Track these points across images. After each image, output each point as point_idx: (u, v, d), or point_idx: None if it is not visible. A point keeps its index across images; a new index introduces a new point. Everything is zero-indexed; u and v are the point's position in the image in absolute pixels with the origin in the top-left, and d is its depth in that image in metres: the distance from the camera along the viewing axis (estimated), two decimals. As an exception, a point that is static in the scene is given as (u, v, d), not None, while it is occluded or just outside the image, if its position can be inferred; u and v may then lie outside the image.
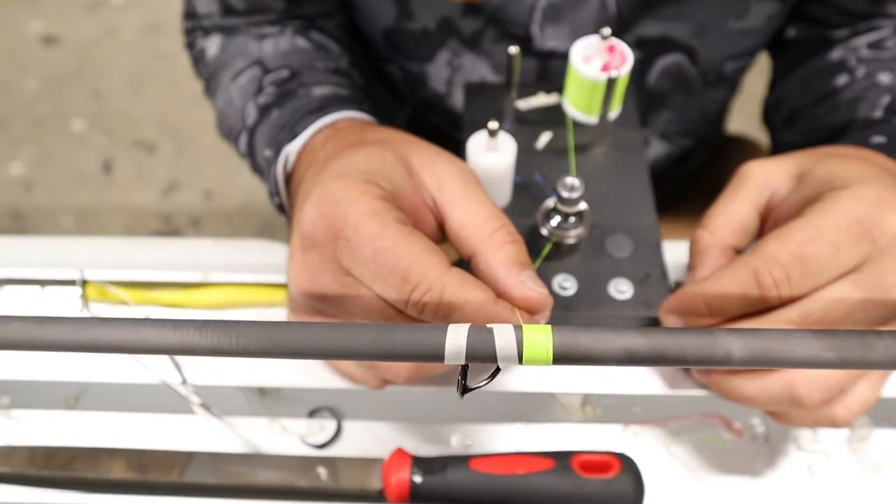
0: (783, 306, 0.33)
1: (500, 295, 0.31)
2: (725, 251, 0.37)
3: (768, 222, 0.37)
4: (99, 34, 1.65)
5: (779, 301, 0.33)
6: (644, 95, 0.55)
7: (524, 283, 0.31)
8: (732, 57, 0.54)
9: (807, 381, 0.32)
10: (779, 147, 0.57)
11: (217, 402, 0.40)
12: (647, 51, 0.52)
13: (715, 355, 0.23)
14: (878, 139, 0.42)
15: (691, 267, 0.37)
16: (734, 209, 0.37)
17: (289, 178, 0.42)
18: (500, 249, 0.31)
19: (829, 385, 0.32)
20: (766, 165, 0.37)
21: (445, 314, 0.30)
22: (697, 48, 0.53)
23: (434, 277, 0.30)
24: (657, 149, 0.60)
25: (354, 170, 0.33)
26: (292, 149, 0.41)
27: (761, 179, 0.37)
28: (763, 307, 0.33)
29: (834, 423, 0.34)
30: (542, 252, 0.39)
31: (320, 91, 0.46)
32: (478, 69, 0.54)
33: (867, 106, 0.47)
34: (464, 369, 0.25)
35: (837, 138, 0.46)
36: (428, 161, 0.34)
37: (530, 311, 0.31)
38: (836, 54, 0.52)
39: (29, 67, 1.60)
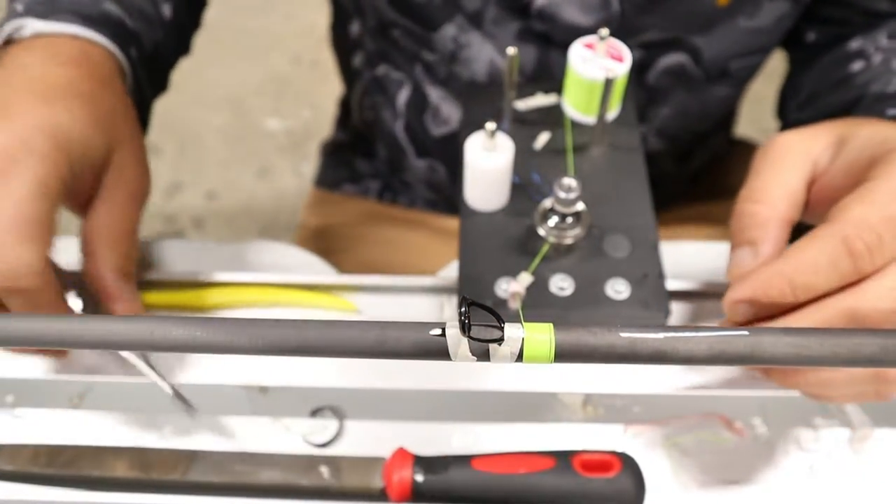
0: (863, 282, 0.30)
1: None
2: (785, 225, 0.34)
3: (812, 193, 0.35)
4: (102, 37, 1.65)
5: (872, 269, 0.30)
6: (643, 92, 0.55)
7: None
8: (738, 55, 0.54)
9: None
10: (789, 127, 0.56)
11: (219, 401, 0.41)
12: (650, 49, 0.52)
13: (729, 351, 0.23)
14: (894, 111, 0.41)
15: (749, 242, 0.34)
16: (788, 180, 0.34)
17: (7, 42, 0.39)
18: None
19: None
20: (802, 135, 0.35)
21: None
22: (703, 47, 0.52)
23: None
24: (655, 145, 0.60)
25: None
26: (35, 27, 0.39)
27: (802, 150, 0.35)
28: (855, 279, 0.30)
29: (884, 397, 0.33)
30: (540, 252, 0.39)
31: None
32: (485, 53, 0.53)
33: (881, 83, 0.45)
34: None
35: (849, 113, 0.44)
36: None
37: None
38: (854, 44, 0.51)
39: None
